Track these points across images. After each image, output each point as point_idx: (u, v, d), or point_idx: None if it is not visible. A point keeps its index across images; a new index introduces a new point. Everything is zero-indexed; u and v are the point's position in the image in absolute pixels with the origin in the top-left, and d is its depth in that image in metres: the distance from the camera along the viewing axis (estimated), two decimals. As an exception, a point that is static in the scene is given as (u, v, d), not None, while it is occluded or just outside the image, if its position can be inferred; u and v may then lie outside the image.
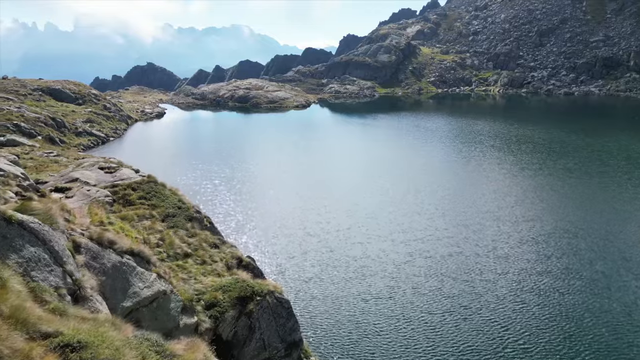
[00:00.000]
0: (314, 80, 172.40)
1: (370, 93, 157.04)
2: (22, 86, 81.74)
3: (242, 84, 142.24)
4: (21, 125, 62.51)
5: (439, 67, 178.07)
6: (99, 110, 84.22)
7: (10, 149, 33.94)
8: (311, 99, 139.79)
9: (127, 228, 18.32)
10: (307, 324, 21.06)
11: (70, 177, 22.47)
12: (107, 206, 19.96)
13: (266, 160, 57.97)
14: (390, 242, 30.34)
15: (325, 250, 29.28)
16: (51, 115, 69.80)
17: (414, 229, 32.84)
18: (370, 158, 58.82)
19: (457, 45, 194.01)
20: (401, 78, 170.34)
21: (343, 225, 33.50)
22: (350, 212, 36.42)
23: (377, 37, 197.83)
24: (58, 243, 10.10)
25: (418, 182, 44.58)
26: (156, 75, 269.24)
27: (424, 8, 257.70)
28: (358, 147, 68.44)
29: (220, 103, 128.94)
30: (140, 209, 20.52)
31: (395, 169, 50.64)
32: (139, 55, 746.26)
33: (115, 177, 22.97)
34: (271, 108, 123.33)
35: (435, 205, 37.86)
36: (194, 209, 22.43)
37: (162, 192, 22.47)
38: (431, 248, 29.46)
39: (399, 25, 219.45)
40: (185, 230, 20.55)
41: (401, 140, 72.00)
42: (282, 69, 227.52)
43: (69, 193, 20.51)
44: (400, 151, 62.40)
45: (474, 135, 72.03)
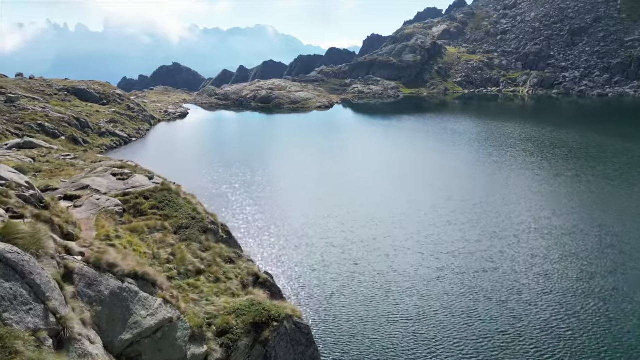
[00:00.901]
0: (337, 81, 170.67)
1: (394, 93, 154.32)
2: (48, 86, 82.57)
3: (265, 84, 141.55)
4: (45, 126, 62.78)
5: (466, 67, 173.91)
6: (122, 110, 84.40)
7: (27, 151, 33.40)
8: (334, 100, 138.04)
9: (136, 242, 16.97)
10: (329, 349, 19.35)
11: (81, 184, 21.35)
12: (117, 217, 18.69)
13: (287, 163, 56.55)
14: (419, 255, 28.35)
15: (348, 263, 27.51)
16: (75, 115, 70.03)
17: (443, 240, 30.75)
18: (395, 162, 56.69)
19: (484, 45, 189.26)
20: (426, 78, 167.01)
21: (368, 235, 31.67)
22: (376, 220, 34.53)
23: (402, 37, 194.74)
24: (41, 275, 8.66)
25: (447, 189, 42.32)
26: (182, 75, 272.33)
27: (450, 7, 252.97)
28: (382, 150, 66.34)
29: (243, 103, 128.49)
30: (151, 220, 19.18)
31: (423, 174, 48.44)
32: (166, 55, 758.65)
33: (127, 184, 21.74)
34: (293, 109, 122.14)
35: (466, 215, 35.62)
36: (209, 220, 21.00)
37: (176, 201, 21.12)
38: (463, 263, 27.35)
39: (425, 25, 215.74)
40: (199, 243, 19.11)
41: (428, 143, 69.55)
42: (306, 69, 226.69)
43: (77, 202, 19.34)
44: (427, 155, 60.04)
45: (505, 138, 69.01)
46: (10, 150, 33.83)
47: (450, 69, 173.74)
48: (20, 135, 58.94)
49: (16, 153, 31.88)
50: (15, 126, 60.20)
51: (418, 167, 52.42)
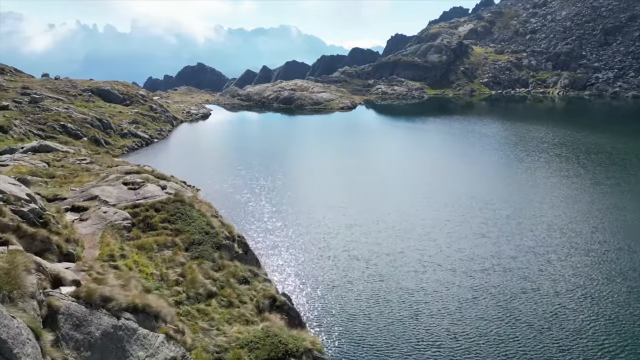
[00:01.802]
0: (360, 81, 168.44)
1: (419, 94, 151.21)
2: (72, 87, 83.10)
3: (287, 84, 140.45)
4: (68, 127, 62.79)
5: (493, 67, 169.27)
6: (145, 111, 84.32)
7: (42, 155, 32.72)
8: (357, 100, 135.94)
9: (143, 261, 15.53)
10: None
11: (90, 194, 20.12)
12: (124, 232, 17.32)
13: (308, 167, 54.94)
14: (450, 272, 26.26)
15: (373, 279, 25.63)
16: (98, 116, 70.02)
17: (476, 255, 28.55)
18: (421, 167, 54.43)
19: (512, 45, 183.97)
20: (452, 79, 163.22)
21: (394, 248, 29.71)
22: (402, 231, 32.54)
23: (427, 37, 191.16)
24: (9, 327, 7.14)
25: (478, 198, 39.94)
26: (206, 75, 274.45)
27: (477, 6, 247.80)
28: (407, 153, 64.06)
29: (265, 104, 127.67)
30: (161, 235, 17.75)
31: (451, 181, 46.08)
32: (191, 56, 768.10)
33: (138, 194, 20.42)
34: (315, 110, 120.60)
35: (499, 227, 33.29)
36: (223, 234, 19.47)
37: (189, 213, 19.67)
38: (499, 282, 25.15)
39: (451, 24, 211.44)
40: (212, 261, 17.58)
41: (455, 147, 66.89)
42: (328, 69, 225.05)
43: (84, 215, 18.06)
44: (455, 160, 57.50)
45: (536, 142, 65.81)
46: (25, 154, 33.21)
47: (477, 69, 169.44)
48: (43, 136, 59.00)
49: (31, 157, 31.17)
50: (38, 127, 60.32)
51: (445, 173, 50.02)
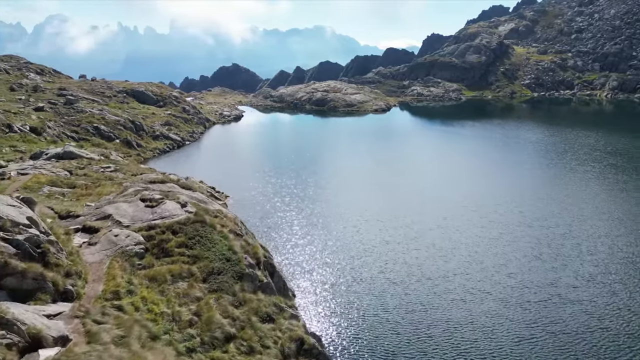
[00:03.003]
0: (395, 82, 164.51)
1: (456, 96, 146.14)
2: (108, 88, 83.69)
3: (320, 86, 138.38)
4: (101, 128, 62.72)
5: (535, 68, 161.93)
6: (178, 112, 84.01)
7: (65, 162, 31.70)
8: (391, 102, 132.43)
9: (153, 297, 13.54)
10: None
11: (104, 212, 18.44)
12: (136, 259, 15.43)
13: (340, 174, 52.49)
14: (502, 303, 23.29)
15: (413, 308, 22.97)
16: (131, 118, 69.88)
17: (531, 282, 25.38)
18: (462, 176, 50.88)
19: (556, 45, 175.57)
20: (491, 80, 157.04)
21: (436, 271, 26.93)
22: (445, 250, 29.66)
23: (465, 37, 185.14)
24: None
25: (527, 212, 36.50)
26: (240, 75, 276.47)
27: (519, 5, 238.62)
28: (445, 161, 60.56)
29: (297, 106, 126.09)
30: (177, 264, 15.79)
31: (496, 193, 42.56)
32: (226, 56, 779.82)
33: (155, 213, 18.58)
34: (348, 112, 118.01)
35: (555, 248, 29.88)
36: (246, 261, 17.34)
37: (210, 236, 17.66)
38: (559, 316, 22.01)
39: (490, 24, 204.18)
40: (232, 295, 15.47)
41: (497, 154, 62.85)
42: (362, 69, 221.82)
43: (93, 238, 16.32)
44: (498, 168, 53.71)
45: (587, 150, 61.05)
46: (48, 161, 32.31)
47: (518, 70, 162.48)
48: (76, 138, 59.04)
49: (54, 165, 30.13)
50: (71, 129, 60.43)
51: (488, 184, 46.52)
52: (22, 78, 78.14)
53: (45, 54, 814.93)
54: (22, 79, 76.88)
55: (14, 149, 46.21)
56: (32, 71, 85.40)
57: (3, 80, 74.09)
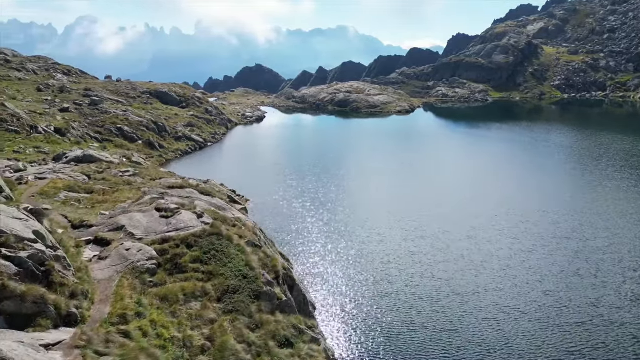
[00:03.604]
0: (419, 83, 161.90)
1: (482, 97, 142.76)
2: (132, 89, 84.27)
3: (343, 87, 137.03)
4: (124, 129, 62.92)
5: (566, 69, 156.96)
6: (200, 113, 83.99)
7: (84, 166, 31.31)
8: (416, 103, 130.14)
9: (163, 321, 12.56)
10: None
11: (117, 223, 17.64)
12: (147, 276, 14.51)
13: (362, 178, 51.09)
14: (539, 325, 21.60)
15: (442, 328, 21.51)
16: (154, 119, 70.01)
17: (570, 302, 23.58)
18: (491, 183, 48.81)
19: (588, 45, 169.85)
20: (519, 81, 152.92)
21: (467, 286, 25.34)
22: (475, 264, 28.01)
23: (492, 36, 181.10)
24: None
25: (563, 224, 34.44)
26: (263, 76, 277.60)
27: (548, 3, 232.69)
28: (473, 166, 58.45)
29: (319, 107, 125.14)
30: (191, 281, 14.81)
31: (528, 202, 40.39)
32: (251, 56, 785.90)
33: (170, 224, 17.68)
34: (371, 113, 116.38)
35: (596, 264, 27.83)
36: (264, 278, 16.25)
37: (226, 250, 16.63)
38: (603, 341, 20.24)
39: (518, 23, 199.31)
40: (248, 316, 14.40)
41: (527, 159, 60.17)
42: (385, 70, 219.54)
43: (104, 251, 15.50)
44: (529, 175, 51.19)
45: (624, 155, 58.00)
46: (67, 165, 32.01)
47: (547, 70, 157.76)
48: (100, 139, 59.34)
49: (73, 168, 29.78)
50: (95, 130, 60.77)
51: (520, 192, 44.26)
52: (50, 79, 79.33)
53: (74, 55, 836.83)
54: (49, 80, 78.02)
55: (38, 150, 46.52)
56: (60, 72, 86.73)
57: (31, 80, 75.30)
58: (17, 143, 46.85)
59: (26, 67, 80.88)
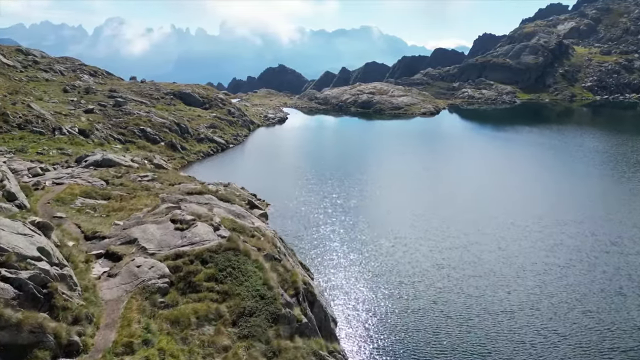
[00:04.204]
0: (444, 84, 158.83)
1: (510, 99, 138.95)
2: (156, 90, 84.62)
3: (366, 88, 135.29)
4: (147, 131, 62.93)
5: (598, 70, 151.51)
6: (223, 115, 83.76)
7: (103, 170, 30.88)
8: (441, 105, 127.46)
9: (172, 348, 11.56)
10: None
11: (129, 235, 16.79)
12: (158, 296, 13.56)
13: (387, 184, 49.58)
14: (580, 351, 19.87)
15: (475, 349, 19.98)
16: (176, 120, 69.94)
17: (613, 324, 21.76)
18: (522, 191, 46.54)
19: (621, 45, 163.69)
20: (549, 82, 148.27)
21: (499, 304, 23.72)
22: (507, 279, 26.33)
23: (521, 36, 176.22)
24: None
25: (601, 235, 32.34)
26: (286, 76, 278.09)
27: (579, 2, 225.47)
28: (503, 172, 56.25)
29: (342, 108, 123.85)
30: (204, 301, 13.79)
31: (563, 212, 38.16)
32: (274, 56, 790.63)
33: (184, 237, 16.73)
34: (395, 115, 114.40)
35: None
36: (282, 299, 15.13)
37: (243, 267, 15.57)
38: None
39: (548, 22, 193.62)
40: (265, 342, 13.29)
41: (560, 165, 57.47)
42: (409, 70, 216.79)
43: (114, 268, 14.63)
44: (564, 183, 48.65)
45: (665, 162, 54.92)
46: (86, 169, 31.63)
47: (579, 71, 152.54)
48: (123, 140, 59.43)
49: (91, 173, 29.34)
50: (118, 131, 60.92)
51: (555, 201, 41.90)
52: (76, 80, 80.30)
53: (102, 56, 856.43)
54: (76, 81, 78.95)
55: (61, 151, 46.65)
56: (86, 73, 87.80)
57: (58, 81, 76.30)
58: (41, 144, 47.10)
59: (54, 68, 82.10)
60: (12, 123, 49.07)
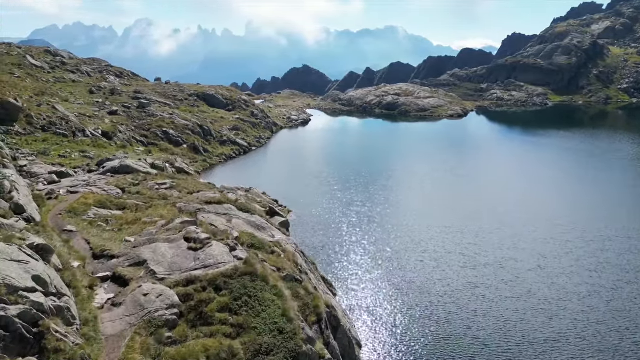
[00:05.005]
0: (472, 85, 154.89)
1: (541, 101, 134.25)
2: (180, 91, 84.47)
3: (391, 89, 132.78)
4: (170, 133, 62.45)
5: (635, 71, 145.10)
6: (246, 117, 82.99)
7: (120, 178, 29.92)
8: (468, 107, 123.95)
9: (177, 398, 10.08)
10: None
11: (139, 256, 15.48)
12: (165, 330, 12.17)
13: (413, 190, 47.55)
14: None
15: (513, 388, 18.07)
16: (199, 122, 69.37)
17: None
18: (562, 202, 44.04)
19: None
20: (582, 84, 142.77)
21: (542, 333, 21.59)
22: (550, 302, 24.13)
23: (552, 36, 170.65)
24: None
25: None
26: (310, 77, 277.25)
27: (614, 1, 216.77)
28: (537, 179, 53.39)
29: (366, 110, 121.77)
30: (216, 336, 12.33)
31: (612, 228, 35.58)
32: (299, 57, 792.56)
33: (198, 260, 15.33)
34: (421, 117, 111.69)
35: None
36: (303, 334, 13.54)
37: (261, 294, 14.07)
38: None
39: (581, 22, 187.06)
40: (284, 387, 11.72)
41: (601, 173, 54.28)
42: (435, 71, 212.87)
43: (119, 296, 13.31)
44: (610, 195, 45.64)
45: None
46: (103, 176, 30.75)
47: (614, 73, 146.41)
48: (145, 143, 59.03)
49: (108, 180, 28.42)
50: (141, 133, 60.58)
51: (599, 214, 39.00)
52: (102, 81, 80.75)
53: (130, 57, 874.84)
54: (102, 82, 79.36)
55: (84, 154, 46.32)
56: (112, 74, 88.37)
57: (84, 83, 76.78)
58: (64, 147, 46.87)
59: (80, 69, 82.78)
60: (36, 125, 49.06)
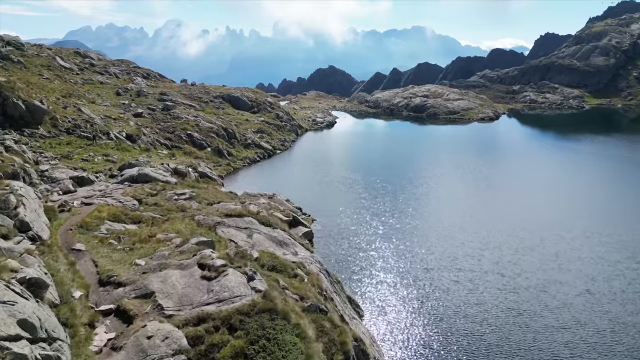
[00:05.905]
0: (503, 87, 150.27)
1: (577, 104, 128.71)
2: (205, 93, 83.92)
3: (419, 90, 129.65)
4: (194, 136, 61.67)
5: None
6: (271, 119, 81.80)
7: (138, 187, 28.69)
8: (500, 110, 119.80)
9: None
10: None
11: (146, 287, 13.95)
12: (169, 383, 10.55)
13: (444, 200, 45.15)
14: None
15: None
16: (224, 125, 68.46)
17: None
18: (606, 216, 41.02)
19: None
20: (621, 86, 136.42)
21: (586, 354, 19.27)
22: (603, 339, 21.68)
23: (589, 36, 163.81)
24: None
25: None
26: (336, 77, 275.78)
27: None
28: (577, 190, 50.27)
29: (393, 112, 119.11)
30: (228, 391, 10.64)
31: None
32: (325, 57, 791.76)
33: (212, 291, 13.70)
34: (450, 119, 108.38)
35: None
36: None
37: (280, 336, 12.32)
38: None
39: (620, 21, 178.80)
40: None
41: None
42: (464, 72, 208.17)
43: (120, 337, 11.74)
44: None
45: None
46: (121, 185, 29.65)
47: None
48: (169, 145, 58.37)
49: (124, 190, 27.28)
50: (165, 135, 59.97)
51: None
52: (129, 82, 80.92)
53: (160, 57, 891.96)
54: (129, 84, 79.50)
55: (106, 158, 45.75)
56: (140, 75, 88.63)
57: (112, 84, 77.02)
58: (87, 150, 46.42)
59: (109, 71, 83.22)
60: (61, 127, 48.81)
